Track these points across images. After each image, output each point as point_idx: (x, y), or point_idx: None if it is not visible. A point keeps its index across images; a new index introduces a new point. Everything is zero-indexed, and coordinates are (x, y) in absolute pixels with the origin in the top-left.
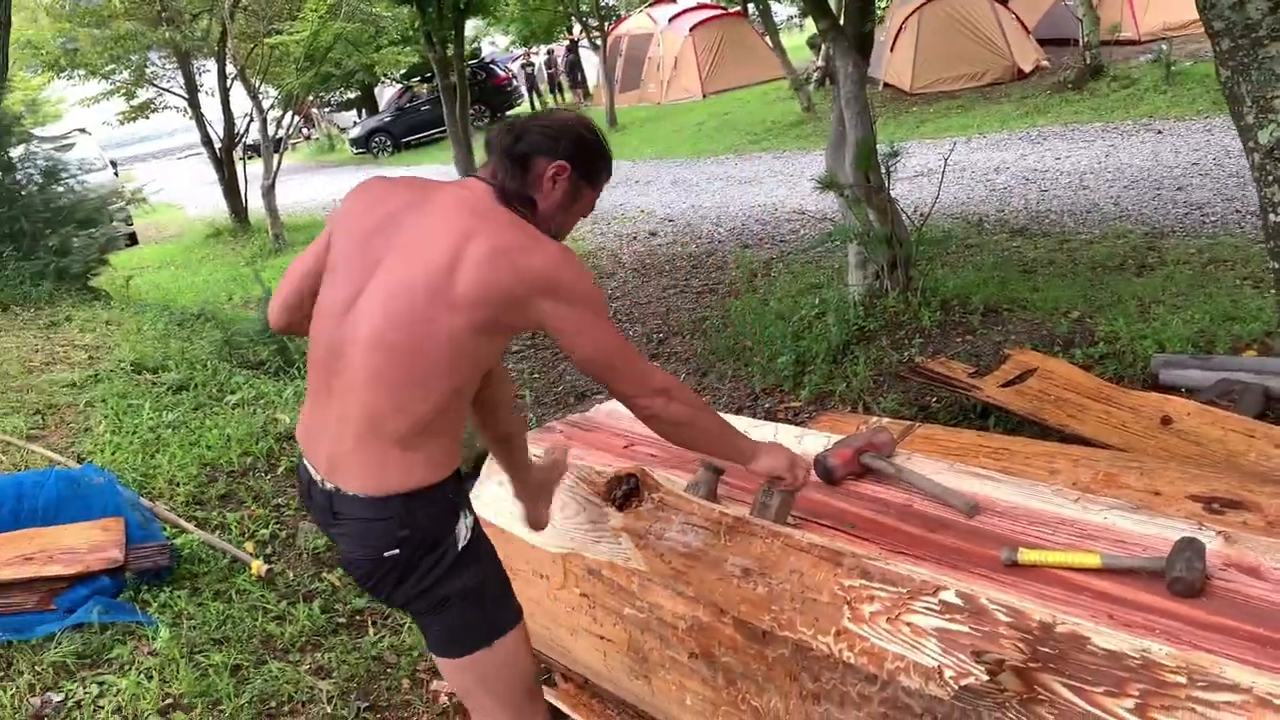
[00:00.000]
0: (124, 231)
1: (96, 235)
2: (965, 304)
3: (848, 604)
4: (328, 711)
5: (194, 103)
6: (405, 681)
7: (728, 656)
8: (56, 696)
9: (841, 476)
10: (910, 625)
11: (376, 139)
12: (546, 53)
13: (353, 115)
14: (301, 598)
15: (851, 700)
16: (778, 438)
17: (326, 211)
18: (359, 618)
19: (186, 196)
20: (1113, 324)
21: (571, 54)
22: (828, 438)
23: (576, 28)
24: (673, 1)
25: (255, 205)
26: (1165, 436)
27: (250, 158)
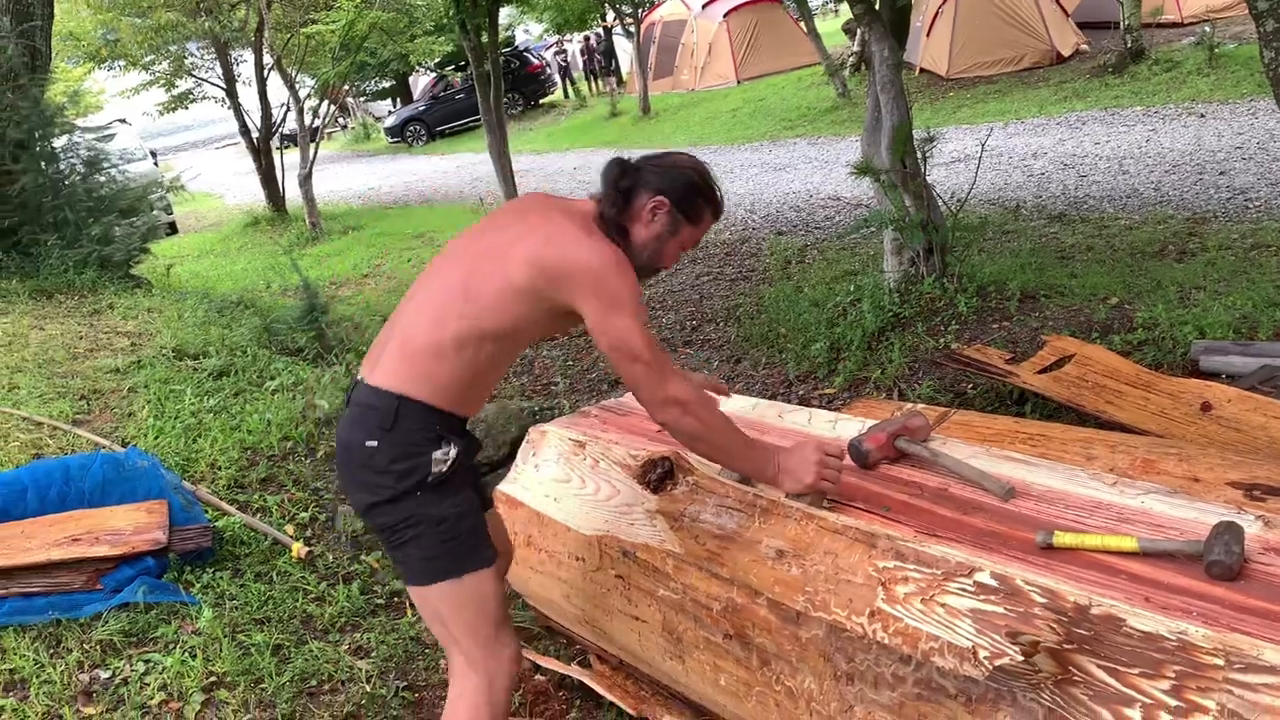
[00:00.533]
0: (165, 220)
1: (138, 224)
2: (1002, 290)
3: (882, 585)
4: (367, 690)
5: (231, 93)
6: (442, 662)
7: (762, 637)
8: (105, 673)
9: (876, 460)
10: (945, 606)
11: (411, 128)
12: (581, 40)
13: (388, 104)
14: (341, 579)
15: (885, 681)
16: (812, 423)
17: (362, 200)
18: (397, 599)
19: (225, 186)
20: (1152, 310)
21: (605, 41)
22: (862, 423)
23: (610, 15)
24: None
25: (292, 194)
26: (1205, 423)
27: (287, 147)
